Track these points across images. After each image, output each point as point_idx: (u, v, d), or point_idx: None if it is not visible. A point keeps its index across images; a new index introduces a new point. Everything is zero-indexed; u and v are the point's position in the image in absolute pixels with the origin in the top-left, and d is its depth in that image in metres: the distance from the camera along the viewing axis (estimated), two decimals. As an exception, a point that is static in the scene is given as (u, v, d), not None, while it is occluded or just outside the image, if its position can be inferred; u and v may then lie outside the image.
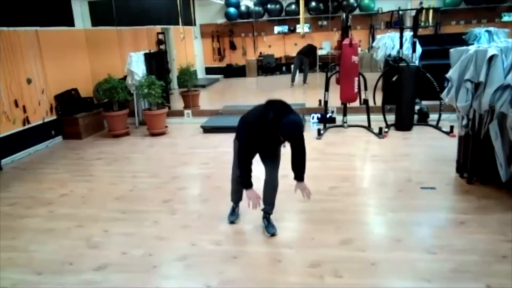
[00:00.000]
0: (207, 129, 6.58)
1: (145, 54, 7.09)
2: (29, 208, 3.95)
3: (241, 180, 2.97)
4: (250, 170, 2.94)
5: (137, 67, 6.79)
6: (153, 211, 3.72)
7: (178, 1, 8.13)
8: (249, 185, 2.93)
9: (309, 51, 10.32)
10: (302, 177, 2.99)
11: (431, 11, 7.47)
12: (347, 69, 5.89)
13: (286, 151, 3.07)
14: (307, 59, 10.28)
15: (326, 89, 6.30)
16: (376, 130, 5.84)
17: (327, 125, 6.31)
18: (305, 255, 2.80)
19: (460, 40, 7.61)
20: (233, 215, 3.40)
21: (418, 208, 3.51)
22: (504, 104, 3.40)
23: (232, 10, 11.85)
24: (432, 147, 5.16)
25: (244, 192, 2.99)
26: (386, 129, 5.91)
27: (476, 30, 7.81)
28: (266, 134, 2.80)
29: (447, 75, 3.90)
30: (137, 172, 4.84)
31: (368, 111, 6.16)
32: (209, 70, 12.52)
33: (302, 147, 2.92)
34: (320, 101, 6.87)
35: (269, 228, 3.14)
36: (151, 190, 4.30)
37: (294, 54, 11.82)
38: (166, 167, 4.97)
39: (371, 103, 6.35)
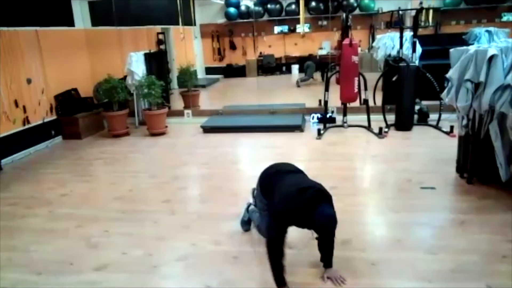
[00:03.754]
0: (207, 129, 6.58)
1: (145, 54, 7.09)
2: (29, 208, 3.94)
3: (272, 274, 2.39)
4: (281, 258, 2.36)
5: (137, 67, 6.79)
6: (153, 211, 3.72)
7: (178, 1, 8.13)
8: (281, 282, 2.38)
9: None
10: (331, 263, 2.59)
11: (431, 11, 7.46)
12: (347, 69, 5.89)
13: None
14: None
15: (326, 89, 6.30)
16: (376, 130, 5.84)
17: (327, 125, 6.31)
18: (305, 255, 2.79)
19: (460, 40, 7.60)
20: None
21: (418, 208, 3.51)
22: (504, 104, 3.40)
23: (232, 10, 11.85)
24: (432, 147, 5.16)
25: None
26: (386, 129, 5.91)
27: (476, 30, 7.80)
28: (298, 223, 2.42)
29: (447, 75, 3.90)
30: (137, 172, 4.84)
31: (368, 111, 6.16)
32: (209, 70, 12.53)
33: (332, 236, 2.49)
34: (320, 101, 6.87)
35: None
36: (151, 190, 4.30)
37: (294, 54, 11.86)
38: (166, 167, 4.97)
39: (371, 103, 6.35)
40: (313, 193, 2.30)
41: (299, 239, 3.05)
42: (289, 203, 2.30)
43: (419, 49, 6.59)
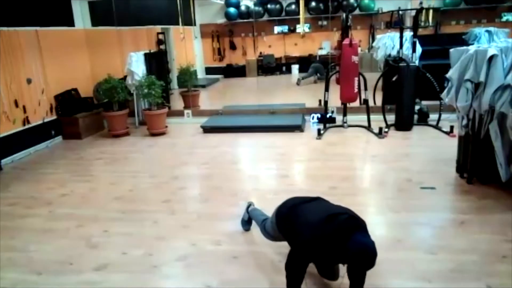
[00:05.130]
0: (207, 129, 6.58)
1: (145, 54, 7.09)
2: (29, 208, 3.94)
3: None
4: (300, 281, 2.13)
5: (137, 67, 6.79)
6: (153, 211, 3.72)
7: (178, 1, 8.13)
8: None
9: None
10: None
11: (431, 11, 7.45)
12: (347, 69, 5.89)
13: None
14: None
15: (326, 89, 6.30)
16: (376, 130, 5.84)
17: (327, 125, 6.31)
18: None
19: (460, 40, 7.60)
20: None
21: (418, 208, 3.51)
22: (504, 104, 3.40)
23: (232, 10, 11.85)
24: (432, 147, 5.16)
25: None
26: (386, 129, 5.91)
27: (476, 30, 7.80)
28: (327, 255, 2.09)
29: (447, 75, 3.90)
30: (137, 172, 4.84)
31: (368, 111, 6.16)
32: (209, 70, 12.52)
33: (369, 267, 2.04)
34: (320, 101, 6.87)
35: None
36: (151, 190, 4.30)
37: (294, 54, 11.86)
38: (166, 167, 4.97)
39: (371, 103, 6.35)
40: (346, 220, 2.01)
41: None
42: (318, 230, 1.98)
43: (419, 49, 6.59)
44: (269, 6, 11.66)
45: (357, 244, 1.88)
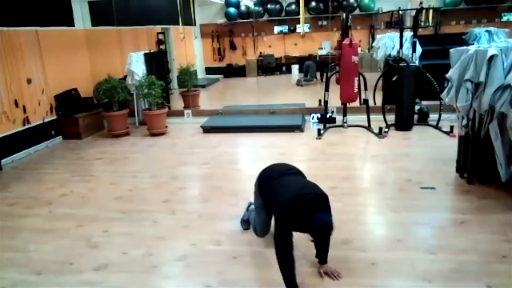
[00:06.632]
0: (207, 129, 6.58)
1: (145, 54, 7.09)
2: (29, 208, 3.94)
3: (283, 279, 2.39)
4: (292, 263, 2.39)
5: (137, 67, 6.79)
6: (153, 211, 3.72)
7: (178, 1, 8.14)
8: (293, 286, 2.38)
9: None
10: (326, 259, 2.64)
11: (431, 11, 7.46)
12: (347, 69, 5.89)
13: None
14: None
15: (326, 89, 6.30)
16: (376, 130, 5.84)
17: (327, 125, 6.31)
18: (305, 255, 2.79)
19: (460, 40, 7.61)
20: None
21: (418, 208, 3.51)
22: (504, 104, 3.40)
23: (232, 10, 11.85)
24: (432, 147, 5.16)
25: None
26: (386, 129, 5.91)
27: (476, 30, 7.81)
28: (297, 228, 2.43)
29: (447, 75, 3.90)
30: (137, 172, 4.84)
31: (368, 111, 6.16)
32: (209, 70, 12.53)
33: (329, 238, 2.53)
34: (320, 101, 6.87)
35: None
36: (151, 190, 4.30)
37: (294, 54, 11.86)
38: (166, 167, 4.97)
39: (371, 103, 6.35)
40: (311, 199, 2.33)
41: (299, 239, 3.05)
42: (290, 208, 2.33)
43: (419, 49, 6.59)
44: (269, 6, 11.66)
45: (317, 221, 2.26)
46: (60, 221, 3.61)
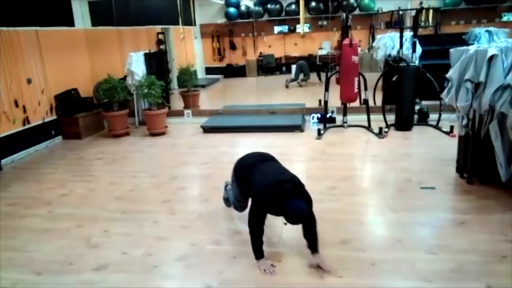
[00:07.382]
0: (207, 129, 6.58)
1: (145, 54, 7.09)
2: (29, 208, 3.94)
3: (252, 248, 2.73)
4: (261, 235, 2.70)
5: (137, 67, 6.79)
6: (153, 211, 3.72)
7: (178, 1, 8.14)
8: (260, 255, 2.72)
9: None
10: (316, 248, 2.71)
11: (431, 11, 7.47)
12: (347, 69, 5.89)
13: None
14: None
15: (326, 89, 6.30)
16: (376, 130, 5.84)
17: (327, 125, 6.31)
18: (305, 255, 2.79)
19: (460, 40, 7.61)
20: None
21: (418, 208, 3.51)
22: (504, 104, 3.40)
23: (232, 10, 11.86)
24: (432, 147, 5.16)
25: (256, 262, 2.73)
26: (386, 129, 5.91)
27: (476, 30, 7.81)
28: (273, 210, 2.69)
29: (447, 75, 3.90)
30: (137, 172, 4.84)
31: (368, 111, 6.16)
32: (209, 70, 12.53)
33: (312, 221, 2.69)
34: (320, 101, 6.87)
35: None
36: (151, 190, 4.30)
37: (294, 54, 11.86)
38: (166, 167, 4.97)
39: (371, 103, 6.35)
40: (290, 187, 2.56)
41: (299, 239, 3.05)
42: (269, 192, 2.58)
43: (419, 49, 6.59)
44: (269, 6, 11.67)
45: (290, 207, 2.47)
46: (60, 221, 3.61)
